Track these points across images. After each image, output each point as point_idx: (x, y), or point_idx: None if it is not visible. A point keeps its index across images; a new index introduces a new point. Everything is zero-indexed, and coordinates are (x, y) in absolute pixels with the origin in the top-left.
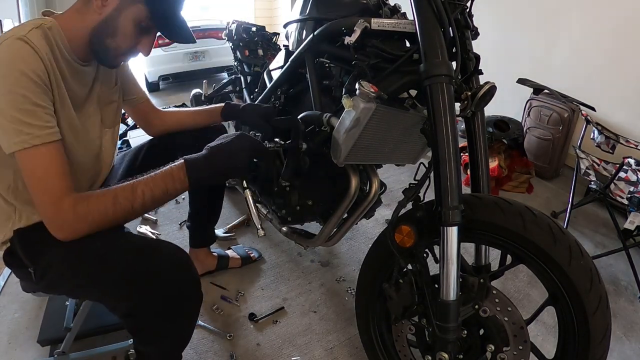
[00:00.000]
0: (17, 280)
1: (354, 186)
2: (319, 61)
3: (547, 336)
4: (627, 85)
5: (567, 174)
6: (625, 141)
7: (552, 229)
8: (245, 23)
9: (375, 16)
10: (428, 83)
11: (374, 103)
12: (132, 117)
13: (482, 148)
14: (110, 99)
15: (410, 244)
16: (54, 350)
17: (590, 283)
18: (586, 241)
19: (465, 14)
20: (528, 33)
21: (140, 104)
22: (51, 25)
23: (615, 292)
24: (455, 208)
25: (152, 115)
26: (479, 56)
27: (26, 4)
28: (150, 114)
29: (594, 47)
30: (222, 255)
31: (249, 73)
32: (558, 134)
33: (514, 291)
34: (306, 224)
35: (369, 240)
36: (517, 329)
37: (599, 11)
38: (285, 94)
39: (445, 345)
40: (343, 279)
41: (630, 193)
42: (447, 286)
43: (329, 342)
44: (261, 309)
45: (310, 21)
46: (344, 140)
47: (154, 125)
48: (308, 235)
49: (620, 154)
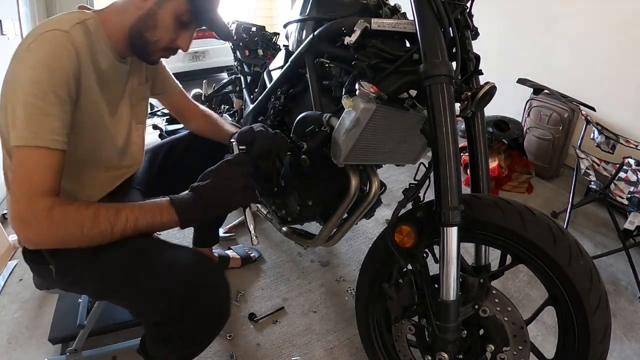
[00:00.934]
0: (17, 280)
1: (354, 186)
2: (319, 61)
3: (547, 336)
4: (627, 85)
5: (567, 174)
6: (625, 141)
7: (552, 229)
8: (245, 23)
9: (375, 16)
10: (428, 83)
11: (374, 103)
12: (170, 110)
13: (482, 148)
14: (142, 95)
15: (410, 244)
16: (65, 348)
17: (590, 283)
18: (586, 241)
19: (465, 14)
20: (528, 33)
21: (174, 96)
22: (92, 20)
23: (615, 292)
24: (455, 208)
25: (188, 111)
26: (479, 56)
27: (26, 3)
28: (186, 109)
29: (594, 47)
30: (223, 256)
31: (249, 73)
32: (558, 134)
33: (514, 291)
34: (306, 224)
35: (369, 240)
36: (517, 329)
37: (599, 11)
38: (285, 94)
39: (445, 345)
40: (343, 279)
41: (630, 193)
42: (447, 286)
43: (329, 342)
44: (261, 309)
45: (310, 21)
46: (344, 140)
47: (191, 124)
48: (308, 236)
49: (620, 154)
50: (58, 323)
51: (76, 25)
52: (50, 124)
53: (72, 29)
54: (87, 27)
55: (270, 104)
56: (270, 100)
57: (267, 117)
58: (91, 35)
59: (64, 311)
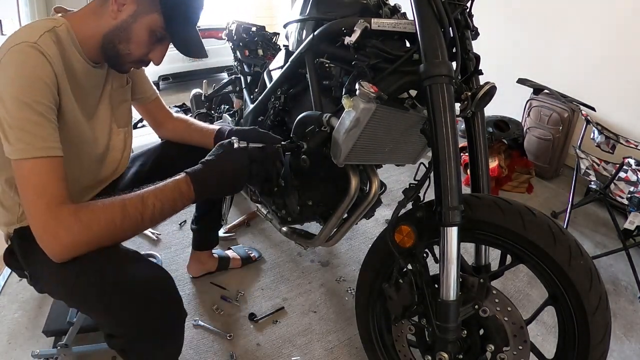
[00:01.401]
0: (17, 280)
1: (353, 186)
2: (319, 61)
3: (547, 336)
4: (627, 85)
5: (567, 174)
6: (625, 141)
7: (552, 229)
8: (245, 23)
9: (375, 16)
10: (428, 83)
11: (374, 103)
12: (143, 116)
13: (482, 148)
14: (123, 98)
15: (410, 244)
16: (57, 342)
17: (590, 283)
18: (586, 241)
19: (465, 14)
20: (528, 33)
21: (149, 103)
22: (63, 26)
23: (615, 292)
24: (455, 208)
25: (162, 116)
26: (479, 56)
27: (26, 3)
28: (160, 114)
29: (594, 47)
30: (223, 256)
31: (249, 73)
32: (558, 134)
33: (514, 291)
34: (306, 224)
35: (369, 240)
36: (517, 328)
37: (599, 11)
38: (285, 94)
39: (445, 345)
40: (343, 279)
41: (630, 193)
42: (447, 286)
43: (329, 342)
44: (261, 309)
45: (310, 21)
46: (344, 140)
47: (164, 129)
48: (308, 236)
49: (620, 154)
50: (53, 317)
51: (45, 34)
52: (42, 132)
53: (41, 39)
54: (57, 34)
55: (270, 104)
56: (270, 100)
57: (267, 117)
58: (62, 42)
59: (59, 306)
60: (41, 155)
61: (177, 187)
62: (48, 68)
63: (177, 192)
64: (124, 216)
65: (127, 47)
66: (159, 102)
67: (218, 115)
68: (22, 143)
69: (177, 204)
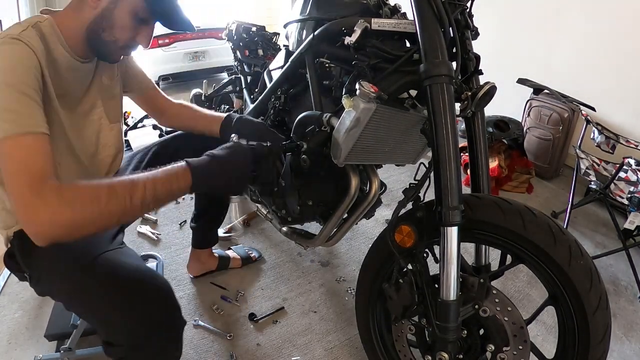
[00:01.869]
0: (17, 280)
1: (354, 186)
2: (319, 61)
3: (547, 336)
4: (627, 85)
5: (567, 174)
6: (625, 141)
7: (552, 229)
8: (246, 23)
9: (376, 16)
10: (428, 83)
11: (374, 103)
12: (144, 108)
13: (482, 148)
14: (113, 92)
15: (410, 244)
16: (60, 345)
17: (590, 283)
18: (586, 241)
19: (465, 14)
20: (528, 33)
21: (147, 92)
22: (47, 23)
23: (615, 292)
24: (455, 208)
25: (162, 103)
26: (479, 56)
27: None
28: (160, 102)
29: (594, 47)
30: (223, 256)
31: (249, 73)
32: (558, 134)
33: (514, 291)
34: (306, 224)
35: (369, 240)
36: (517, 328)
37: (600, 11)
38: (285, 94)
39: (445, 345)
40: (343, 279)
41: (630, 193)
42: (447, 286)
43: (329, 342)
44: (261, 309)
45: (310, 21)
46: (344, 140)
47: (167, 116)
48: (308, 236)
49: (620, 154)
50: (55, 320)
51: (28, 29)
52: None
53: (23, 33)
54: (40, 29)
55: (270, 104)
56: (270, 100)
57: (267, 117)
58: (45, 37)
59: (60, 309)
60: (26, 131)
61: (172, 171)
62: (33, 56)
63: (173, 175)
64: (111, 195)
65: (112, 33)
66: (156, 91)
67: None
68: (6, 122)
69: (172, 187)
